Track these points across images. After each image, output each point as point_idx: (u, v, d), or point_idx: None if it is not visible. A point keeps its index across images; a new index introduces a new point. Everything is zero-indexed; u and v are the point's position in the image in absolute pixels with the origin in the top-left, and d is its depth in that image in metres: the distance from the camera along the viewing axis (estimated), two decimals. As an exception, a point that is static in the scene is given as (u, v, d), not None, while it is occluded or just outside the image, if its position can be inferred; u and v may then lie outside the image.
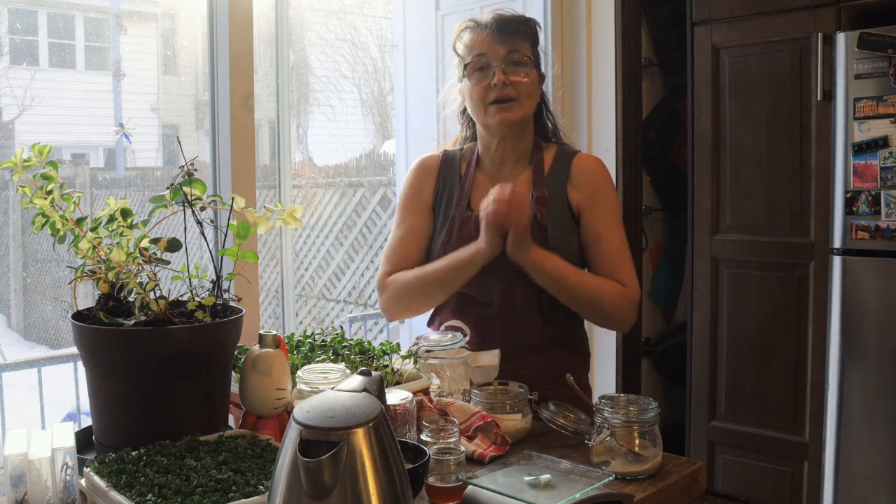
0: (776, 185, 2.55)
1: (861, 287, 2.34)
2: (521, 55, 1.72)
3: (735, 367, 2.69)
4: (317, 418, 0.93)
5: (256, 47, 2.03)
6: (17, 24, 3.49)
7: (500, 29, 1.72)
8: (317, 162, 5.40)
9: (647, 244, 3.16)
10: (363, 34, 5.37)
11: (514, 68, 1.71)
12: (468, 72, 1.74)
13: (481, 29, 1.74)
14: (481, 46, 1.72)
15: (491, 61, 1.71)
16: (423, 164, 1.87)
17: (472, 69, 1.73)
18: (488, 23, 1.74)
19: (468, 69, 1.74)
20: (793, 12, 2.48)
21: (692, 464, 1.32)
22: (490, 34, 1.72)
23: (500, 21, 1.74)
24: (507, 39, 1.72)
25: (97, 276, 1.31)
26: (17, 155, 1.27)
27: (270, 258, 4.10)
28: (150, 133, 4.26)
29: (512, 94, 1.70)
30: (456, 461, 1.16)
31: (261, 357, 1.32)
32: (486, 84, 1.71)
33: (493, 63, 1.70)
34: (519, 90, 1.71)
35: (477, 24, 1.75)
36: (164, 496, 1.04)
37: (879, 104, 2.27)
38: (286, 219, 1.35)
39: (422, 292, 1.74)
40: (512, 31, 1.73)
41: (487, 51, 1.71)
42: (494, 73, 1.70)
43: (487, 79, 1.71)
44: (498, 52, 1.71)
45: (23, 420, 3.20)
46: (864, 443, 2.34)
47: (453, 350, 1.57)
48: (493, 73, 1.70)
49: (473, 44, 1.73)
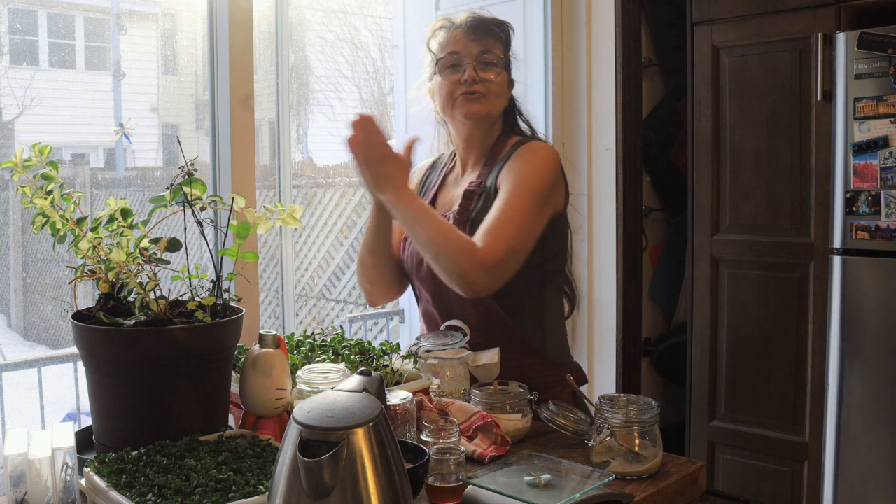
0: (776, 185, 2.55)
1: (861, 287, 2.34)
2: (493, 56, 1.75)
3: (735, 367, 2.69)
4: (317, 418, 0.93)
5: (256, 47, 2.03)
6: (17, 24, 3.49)
7: (474, 29, 1.75)
8: (317, 162, 5.40)
9: (647, 244, 3.16)
10: (363, 34, 5.37)
11: (485, 67, 1.73)
12: (440, 67, 1.76)
13: (455, 28, 1.76)
14: (455, 45, 1.74)
15: (463, 59, 1.73)
16: (416, 168, 1.96)
17: (443, 66, 1.75)
18: (463, 22, 1.76)
19: (440, 65, 1.76)
20: (793, 12, 2.48)
21: (692, 464, 1.32)
22: (464, 33, 1.74)
23: (475, 21, 1.76)
24: (481, 39, 1.74)
25: (97, 276, 1.31)
26: (17, 155, 1.27)
27: (270, 258, 4.10)
28: (150, 133, 4.26)
29: (480, 89, 1.73)
30: (456, 461, 1.15)
31: (261, 357, 1.32)
32: (455, 79, 1.73)
33: (465, 61, 1.73)
34: (488, 88, 1.73)
35: (452, 24, 1.78)
36: (164, 496, 1.04)
37: (879, 104, 2.27)
38: (286, 219, 1.35)
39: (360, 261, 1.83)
40: (485, 31, 1.75)
41: (461, 49, 1.74)
42: (465, 69, 1.72)
43: (458, 74, 1.73)
44: (471, 50, 1.73)
45: (23, 420, 3.20)
46: (864, 443, 2.34)
47: (453, 350, 1.57)
48: (465, 69, 1.72)
49: (447, 42, 1.76)
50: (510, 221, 1.62)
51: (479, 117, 1.75)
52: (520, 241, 1.63)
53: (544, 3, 2.86)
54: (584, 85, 2.90)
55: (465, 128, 1.79)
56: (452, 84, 1.74)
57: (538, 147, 1.75)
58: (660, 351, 3.19)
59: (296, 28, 4.49)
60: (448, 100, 1.76)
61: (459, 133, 1.82)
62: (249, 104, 2.00)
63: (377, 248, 1.78)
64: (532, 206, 1.65)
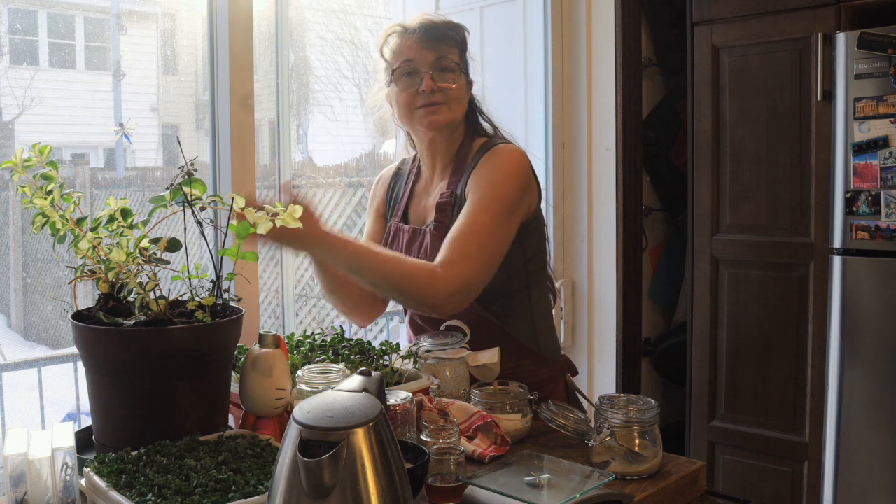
0: (776, 185, 2.55)
1: (861, 287, 2.34)
2: (449, 61, 1.70)
3: (735, 367, 2.69)
4: (317, 418, 0.93)
5: (256, 47, 2.03)
6: (17, 24, 3.49)
7: (428, 35, 1.69)
8: (317, 162, 5.39)
9: (647, 244, 3.16)
10: (363, 34, 5.37)
11: (442, 74, 1.69)
12: (395, 76, 1.71)
13: (409, 34, 1.71)
14: (409, 52, 1.69)
15: (419, 67, 1.68)
16: (380, 177, 1.93)
17: (399, 74, 1.70)
18: (416, 28, 1.70)
19: (395, 74, 1.71)
20: (793, 12, 2.48)
21: (692, 464, 1.32)
22: (418, 40, 1.69)
23: (429, 27, 1.71)
24: (436, 45, 1.69)
25: (97, 276, 1.31)
26: (17, 155, 1.27)
27: (270, 258, 4.10)
28: (150, 133, 4.25)
29: (440, 98, 1.68)
30: (456, 461, 1.15)
31: (261, 357, 1.32)
32: (413, 91, 1.69)
33: (421, 69, 1.68)
34: (447, 95, 1.69)
35: (405, 30, 1.72)
36: (164, 496, 1.04)
37: (879, 104, 2.27)
38: (286, 219, 1.35)
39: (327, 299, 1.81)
40: (440, 37, 1.70)
41: (415, 57, 1.69)
42: (423, 78, 1.67)
43: (415, 85, 1.69)
44: (426, 58, 1.68)
45: (23, 420, 3.20)
46: (864, 443, 2.34)
47: (453, 350, 1.57)
48: (422, 78, 1.67)
49: (401, 49, 1.71)
50: (476, 236, 1.57)
51: (440, 127, 1.71)
52: (488, 255, 1.58)
53: (544, 3, 2.86)
54: (584, 85, 2.90)
55: (426, 136, 1.75)
56: (410, 95, 1.69)
57: (504, 151, 1.70)
58: (660, 351, 3.19)
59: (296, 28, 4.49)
60: (407, 110, 1.71)
61: (422, 140, 1.77)
62: (249, 104, 2.00)
63: (334, 286, 1.74)
64: (499, 218, 1.61)
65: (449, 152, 1.77)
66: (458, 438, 1.22)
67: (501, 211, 1.61)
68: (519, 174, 1.66)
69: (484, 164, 1.67)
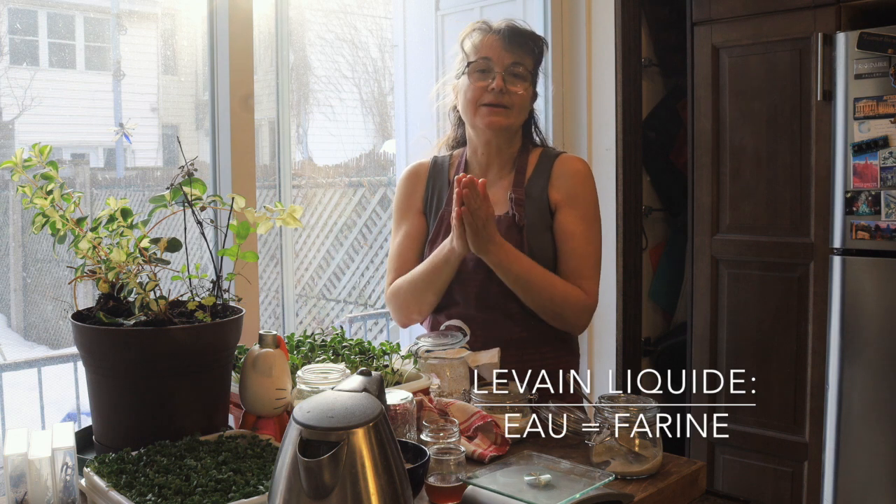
0: (776, 185, 2.55)
1: (861, 287, 2.34)
2: (524, 69, 1.75)
3: (735, 367, 2.69)
4: (317, 418, 0.93)
5: (256, 47, 2.03)
6: (17, 24, 3.49)
7: (510, 39, 1.75)
8: (317, 162, 5.39)
9: (647, 244, 3.16)
10: (363, 34, 5.37)
11: (514, 79, 1.74)
12: (470, 70, 1.76)
13: (493, 33, 1.76)
14: (488, 50, 1.74)
15: (494, 66, 1.73)
16: (413, 171, 1.90)
17: (474, 69, 1.75)
18: (500, 29, 1.76)
19: (470, 68, 1.76)
20: (793, 12, 2.48)
21: (692, 464, 1.32)
22: (499, 40, 1.74)
23: (513, 31, 1.77)
24: (515, 50, 1.74)
25: (97, 276, 1.31)
26: (17, 155, 1.27)
27: (270, 258, 4.10)
28: (150, 133, 4.25)
29: (506, 101, 1.73)
30: (456, 461, 1.16)
31: (261, 357, 1.32)
32: (483, 85, 1.73)
33: (496, 68, 1.73)
34: (513, 100, 1.74)
35: (489, 28, 1.78)
36: (164, 496, 1.04)
37: (879, 104, 2.27)
38: (286, 219, 1.35)
39: (413, 295, 1.78)
40: (521, 43, 1.76)
41: (493, 55, 1.73)
42: (494, 77, 1.72)
43: (486, 82, 1.73)
44: (503, 59, 1.73)
45: (23, 420, 3.20)
46: (864, 443, 2.34)
47: (453, 350, 1.57)
48: (494, 77, 1.72)
49: (482, 45, 1.76)
50: (595, 255, 1.75)
51: (499, 129, 1.75)
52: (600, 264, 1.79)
53: (544, 3, 2.86)
54: (584, 85, 2.90)
55: (484, 135, 1.79)
56: (479, 90, 1.74)
57: (580, 164, 1.82)
58: (660, 351, 3.19)
59: (296, 28, 4.49)
60: (472, 105, 1.75)
61: (479, 137, 1.81)
62: (249, 104, 2.00)
63: (443, 287, 1.76)
64: (600, 229, 1.80)
65: (506, 154, 1.81)
66: (458, 438, 1.22)
67: (599, 223, 1.81)
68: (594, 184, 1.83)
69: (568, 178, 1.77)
